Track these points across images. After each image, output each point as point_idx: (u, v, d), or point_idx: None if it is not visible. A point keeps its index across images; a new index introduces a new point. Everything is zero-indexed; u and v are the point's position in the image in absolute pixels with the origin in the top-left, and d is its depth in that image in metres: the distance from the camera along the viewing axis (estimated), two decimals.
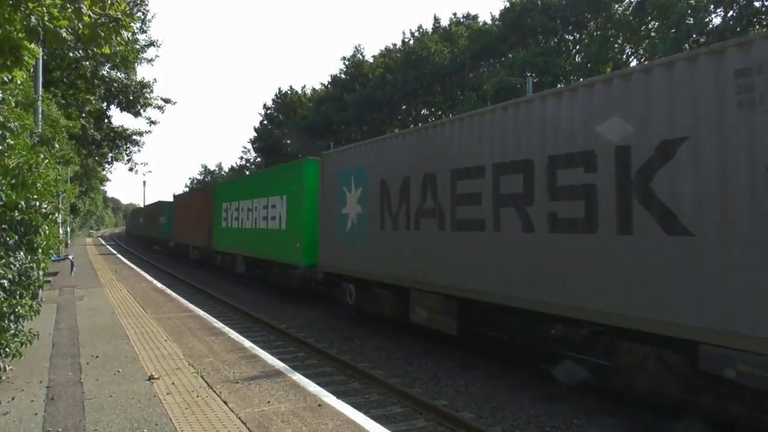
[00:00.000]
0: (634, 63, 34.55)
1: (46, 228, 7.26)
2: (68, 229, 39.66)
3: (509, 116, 8.36)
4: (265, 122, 66.84)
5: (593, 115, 6.97)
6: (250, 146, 72.18)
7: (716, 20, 27.90)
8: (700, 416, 6.30)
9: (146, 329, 10.35)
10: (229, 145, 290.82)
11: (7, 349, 6.60)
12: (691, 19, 27.26)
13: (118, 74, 26.06)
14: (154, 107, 27.73)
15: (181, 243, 34.43)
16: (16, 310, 6.59)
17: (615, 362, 7.08)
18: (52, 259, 15.29)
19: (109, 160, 30.64)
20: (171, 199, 51.67)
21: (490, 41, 41.21)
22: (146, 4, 24.96)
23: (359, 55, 56.09)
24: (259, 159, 68.47)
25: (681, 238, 5.93)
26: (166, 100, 28.02)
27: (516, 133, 8.17)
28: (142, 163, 34.01)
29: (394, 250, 10.95)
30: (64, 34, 5.54)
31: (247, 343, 9.26)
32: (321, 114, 53.95)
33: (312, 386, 6.79)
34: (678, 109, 6.05)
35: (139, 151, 30.67)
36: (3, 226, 6.41)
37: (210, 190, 28.55)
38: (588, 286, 6.89)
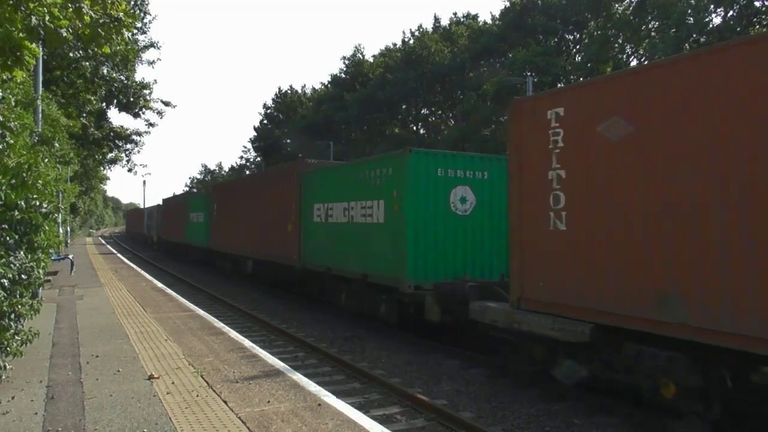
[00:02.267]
0: (634, 62, 34.55)
1: (46, 227, 7.27)
2: (68, 229, 39.60)
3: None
4: (265, 122, 66.87)
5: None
6: (250, 146, 72.24)
7: (716, 20, 27.94)
8: (700, 416, 6.30)
9: (146, 329, 10.35)
10: (229, 145, 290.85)
11: (7, 348, 6.61)
12: (691, 18, 27.25)
13: (118, 74, 26.04)
14: (154, 111, 27.71)
15: None
16: (17, 309, 6.60)
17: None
18: (52, 258, 15.30)
19: (109, 160, 30.62)
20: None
21: (490, 41, 41.20)
22: (147, 4, 24.98)
23: (359, 55, 56.12)
24: (259, 159, 68.45)
25: None
26: (166, 103, 27.98)
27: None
28: (141, 165, 33.27)
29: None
30: (65, 34, 5.54)
31: (247, 343, 9.27)
32: (321, 114, 53.94)
33: (312, 386, 6.79)
34: None
35: (138, 151, 30.42)
36: (3, 225, 6.41)
37: None
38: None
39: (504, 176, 9.73)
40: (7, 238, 6.40)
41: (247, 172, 70.11)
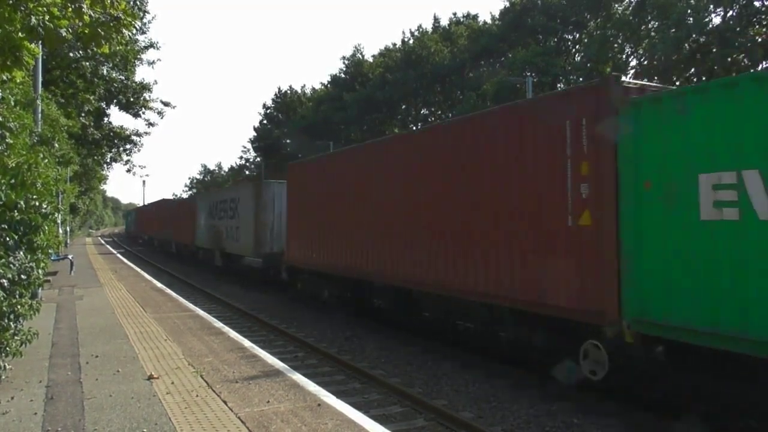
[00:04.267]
0: (633, 63, 34.55)
1: (46, 228, 7.26)
2: (68, 229, 39.57)
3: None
4: (265, 122, 66.83)
5: None
6: (249, 146, 72.17)
7: (716, 20, 27.91)
8: (700, 416, 6.31)
9: (146, 329, 10.34)
10: (229, 145, 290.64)
11: (7, 348, 6.60)
12: (691, 18, 27.22)
13: (118, 75, 26.04)
14: (154, 111, 27.73)
15: None
16: (16, 309, 6.59)
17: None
18: (52, 258, 15.29)
19: (108, 160, 30.61)
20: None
21: (490, 41, 41.17)
22: (146, 3, 24.98)
23: (359, 55, 56.08)
24: (258, 159, 68.41)
25: None
26: (166, 104, 28.02)
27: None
28: (140, 166, 33.15)
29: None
30: (65, 34, 5.53)
31: (247, 343, 9.27)
32: (320, 114, 53.89)
33: (312, 386, 6.79)
34: None
35: (138, 151, 30.49)
36: (3, 225, 6.41)
37: None
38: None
39: None
40: (7, 239, 6.40)
41: (247, 173, 69.98)
